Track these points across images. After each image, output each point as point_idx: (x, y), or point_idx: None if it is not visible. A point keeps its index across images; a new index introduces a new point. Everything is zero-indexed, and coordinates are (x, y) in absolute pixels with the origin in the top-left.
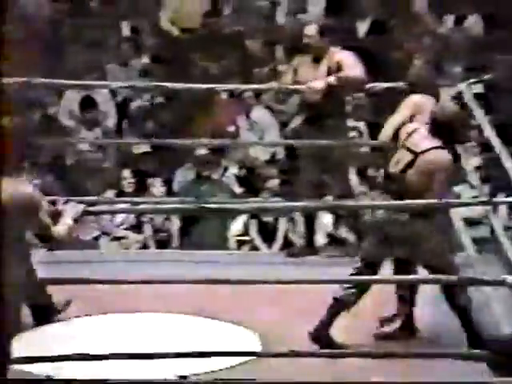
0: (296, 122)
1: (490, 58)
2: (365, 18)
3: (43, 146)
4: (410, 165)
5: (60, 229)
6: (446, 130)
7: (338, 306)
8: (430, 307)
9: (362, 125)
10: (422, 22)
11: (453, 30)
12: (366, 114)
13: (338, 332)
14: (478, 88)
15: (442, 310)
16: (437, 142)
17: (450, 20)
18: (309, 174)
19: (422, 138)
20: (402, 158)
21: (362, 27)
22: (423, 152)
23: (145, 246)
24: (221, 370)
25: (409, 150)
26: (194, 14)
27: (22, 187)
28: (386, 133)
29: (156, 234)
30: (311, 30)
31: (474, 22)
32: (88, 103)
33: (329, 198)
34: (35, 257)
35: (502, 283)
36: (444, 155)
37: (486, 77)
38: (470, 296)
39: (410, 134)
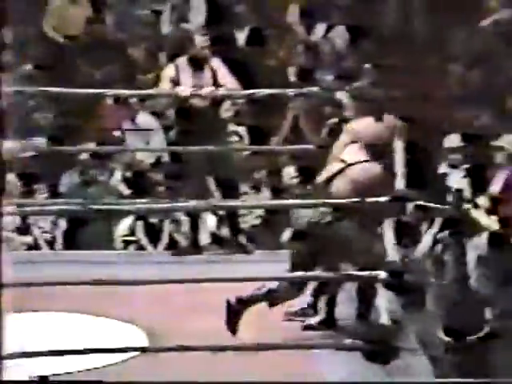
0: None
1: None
2: (243, 28)
3: None
4: (338, 174)
5: None
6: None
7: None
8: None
9: (242, 129)
10: (293, 31)
11: (322, 40)
12: (247, 119)
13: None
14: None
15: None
16: (366, 156)
17: (320, 30)
18: (194, 176)
19: (354, 152)
20: (331, 168)
21: (241, 36)
22: (354, 164)
23: (31, 248)
24: (110, 365)
25: (341, 160)
26: (77, 21)
27: None
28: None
29: (43, 236)
30: (201, 40)
31: (340, 32)
32: None
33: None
34: None
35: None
36: (372, 168)
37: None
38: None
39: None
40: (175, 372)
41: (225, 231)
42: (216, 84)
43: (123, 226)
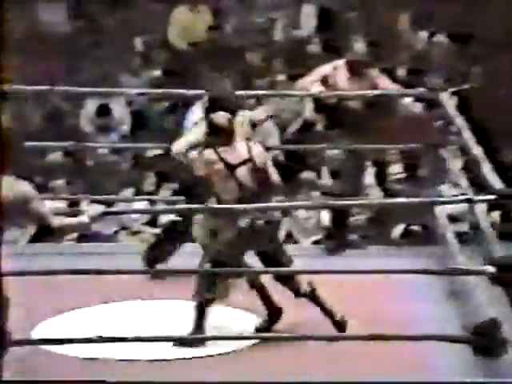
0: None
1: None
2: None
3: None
4: None
5: (57, 220)
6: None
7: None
8: None
9: None
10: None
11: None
12: None
13: None
14: None
15: None
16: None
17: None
18: None
19: None
20: None
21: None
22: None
23: None
24: (227, 353)
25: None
26: (199, 29)
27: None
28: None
29: None
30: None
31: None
32: (103, 111)
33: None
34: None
35: (483, 273)
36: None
37: None
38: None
39: None
40: (290, 361)
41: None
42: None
43: None
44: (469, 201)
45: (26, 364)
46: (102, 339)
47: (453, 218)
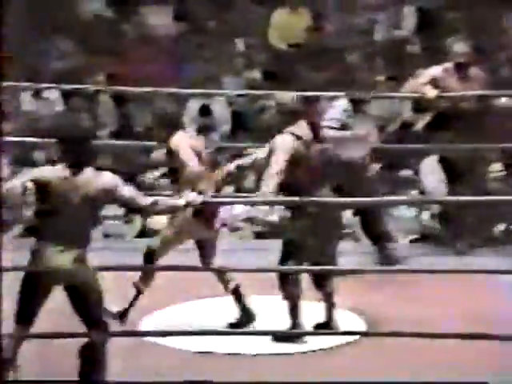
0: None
1: None
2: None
3: None
4: None
5: (147, 201)
6: None
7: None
8: None
9: None
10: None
11: None
12: None
13: None
14: None
15: None
16: None
17: None
18: None
19: None
20: None
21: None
22: None
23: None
24: (331, 348)
25: None
26: (298, 31)
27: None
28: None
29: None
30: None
31: None
32: (205, 111)
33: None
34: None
35: None
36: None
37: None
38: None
39: None
40: (391, 358)
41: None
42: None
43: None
44: None
45: (132, 355)
46: (208, 332)
47: None
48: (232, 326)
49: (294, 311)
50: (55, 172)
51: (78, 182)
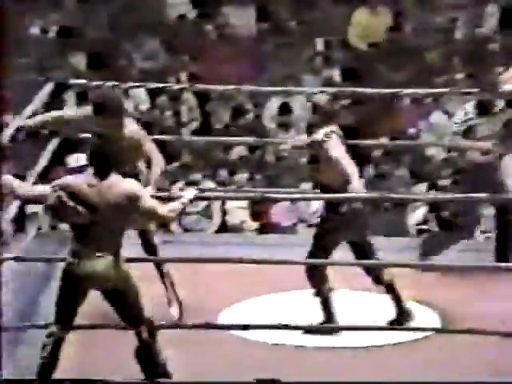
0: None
1: None
2: None
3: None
4: None
5: (165, 209)
6: None
7: None
8: None
9: None
10: None
11: None
12: None
13: None
14: None
15: None
16: None
17: None
18: None
19: None
20: None
21: None
22: None
23: None
24: (402, 342)
25: None
26: (378, 30)
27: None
28: None
29: None
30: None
31: None
32: (285, 109)
33: None
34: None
35: None
36: None
37: None
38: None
39: None
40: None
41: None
42: None
43: (417, 216)
44: None
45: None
46: (290, 327)
47: None
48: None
49: (325, 305)
50: (82, 179)
51: (103, 188)
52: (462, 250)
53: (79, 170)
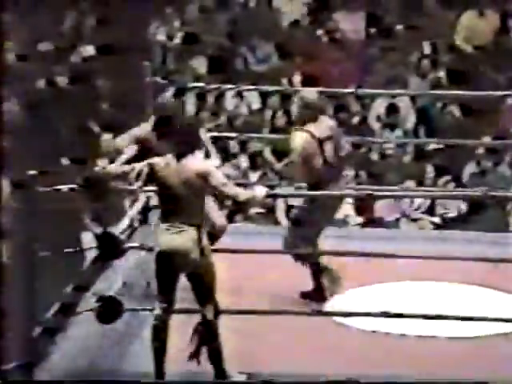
0: None
1: None
2: None
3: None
4: None
5: (233, 190)
6: None
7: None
8: None
9: None
10: None
11: None
12: None
13: None
14: None
15: None
16: None
17: None
18: None
19: None
20: None
21: None
22: None
23: (438, 227)
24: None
25: None
26: (485, 33)
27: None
28: None
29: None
30: None
31: None
32: (392, 109)
33: None
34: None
35: None
36: None
37: None
38: None
39: None
40: None
41: None
42: None
43: None
44: None
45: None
46: (389, 315)
47: None
48: None
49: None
50: (162, 159)
51: (179, 167)
52: None
53: None
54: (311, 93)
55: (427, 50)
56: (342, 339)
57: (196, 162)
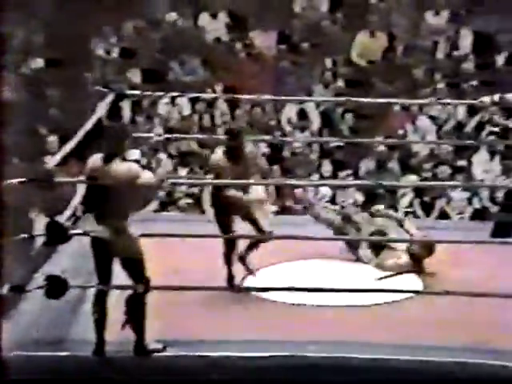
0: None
1: None
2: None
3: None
4: None
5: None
6: None
7: None
8: None
9: None
10: None
11: None
12: None
13: None
14: None
15: None
16: None
17: None
18: None
19: None
20: None
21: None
22: None
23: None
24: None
25: None
26: (376, 50)
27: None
28: None
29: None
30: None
31: None
32: (301, 114)
33: None
34: None
35: None
36: None
37: None
38: None
39: None
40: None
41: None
42: None
43: (405, 201)
44: None
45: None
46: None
47: None
48: None
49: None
50: (96, 158)
51: (108, 169)
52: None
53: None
54: None
55: (329, 63)
56: (259, 310)
57: (125, 165)
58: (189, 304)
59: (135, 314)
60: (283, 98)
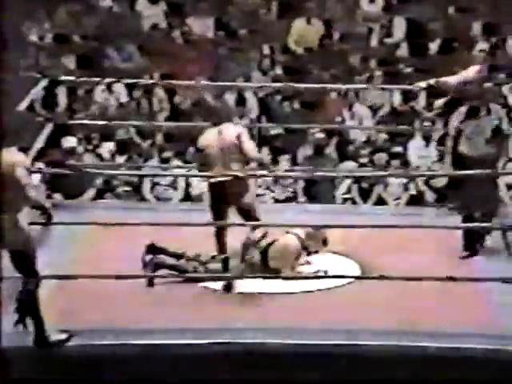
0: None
1: None
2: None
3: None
4: None
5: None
6: None
7: None
8: None
9: None
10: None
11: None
12: None
13: None
14: None
15: None
16: None
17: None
18: None
19: None
20: None
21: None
22: None
23: (277, 201)
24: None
25: None
26: (312, 37)
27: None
28: None
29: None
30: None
31: None
32: (239, 101)
33: None
34: None
35: None
36: None
37: None
38: None
39: None
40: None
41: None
42: None
43: (343, 187)
44: None
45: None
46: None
47: None
48: None
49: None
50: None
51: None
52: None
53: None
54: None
55: (266, 50)
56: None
57: (10, 154)
58: (112, 294)
59: (28, 308)
60: (221, 83)
